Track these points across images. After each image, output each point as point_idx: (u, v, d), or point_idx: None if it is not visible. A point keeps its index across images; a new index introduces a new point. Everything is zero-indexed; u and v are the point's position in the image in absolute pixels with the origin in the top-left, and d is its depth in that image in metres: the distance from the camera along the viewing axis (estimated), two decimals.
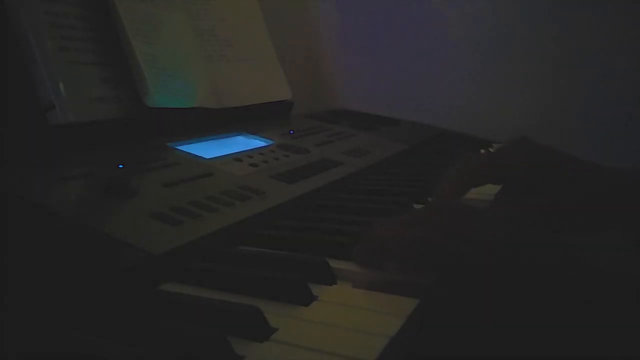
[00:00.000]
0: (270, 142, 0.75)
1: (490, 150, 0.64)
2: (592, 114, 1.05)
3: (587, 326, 0.33)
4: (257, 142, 0.75)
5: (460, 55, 1.18)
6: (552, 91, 1.10)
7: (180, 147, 0.63)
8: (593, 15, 1.05)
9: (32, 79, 0.55)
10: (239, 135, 0.76)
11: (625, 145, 0.98)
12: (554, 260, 0.35)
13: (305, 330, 0.33)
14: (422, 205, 0.60)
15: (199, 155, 0.62)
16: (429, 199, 0.63)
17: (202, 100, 0.75)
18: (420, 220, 0.41)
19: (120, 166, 0.53)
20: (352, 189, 0.68)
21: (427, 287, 0.37)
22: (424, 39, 1.22)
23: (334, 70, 1.32)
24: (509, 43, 1.13)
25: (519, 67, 1.13)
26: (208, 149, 0.65)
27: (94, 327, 0.32)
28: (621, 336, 0.32)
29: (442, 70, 1.20)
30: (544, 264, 0.35)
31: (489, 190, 0.60)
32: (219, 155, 0.64)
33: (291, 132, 0.83)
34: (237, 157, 0.64)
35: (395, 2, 1.24)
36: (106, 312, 0.33)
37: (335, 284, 0.41)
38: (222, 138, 0.73)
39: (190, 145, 0.65)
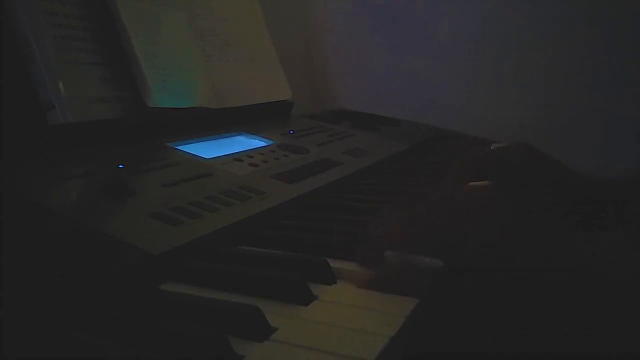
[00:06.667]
0: (270, 142, 0.75)
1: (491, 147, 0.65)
2: (591, 114, 1.05)
3: (587, 327, 0.33)
4: (257, 142, 0.75)
5: (460, 56, 1.18)
6: (552, 91, 1.10)
7: (180, 147, 0.63)
8: (591, 15, 1.05)
9: (32, 79, 0.55)
10: (239, 135, 0.76)
11: (623, 143, 0.99)
12: (552, 259, 0.35)
13: (305, 330, 0.33)
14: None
15: (199, 155, 0.62)
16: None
17: (202, 100, 0.75)
18: (420, 214, 0.41)
19: (120, 166, 0.53)
20: (352, 189, 0.68)
21: (427, 285, 0.37)
22: (424, 39, 1.22)
23: (334, 70, 1.32)
24: (508, 43, 1.13)
25: (518, 68, 1.13)
26: (208, 149, 0.65)
27: (94, 327, 0.32)
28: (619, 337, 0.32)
29: (442, 70, 1.20)
30: (543, 263, 0.35)
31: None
32: (219, 155, 0.64)
33: (291, 132, 0.83)
34: (237, 157, 0.64)
35: (395, 2, 1.24)
36: (106, 312, 0.33)
37: (335, 283, 0.41)
38: (222, 138, 0.73)
39: (190, 145, 0.65)
